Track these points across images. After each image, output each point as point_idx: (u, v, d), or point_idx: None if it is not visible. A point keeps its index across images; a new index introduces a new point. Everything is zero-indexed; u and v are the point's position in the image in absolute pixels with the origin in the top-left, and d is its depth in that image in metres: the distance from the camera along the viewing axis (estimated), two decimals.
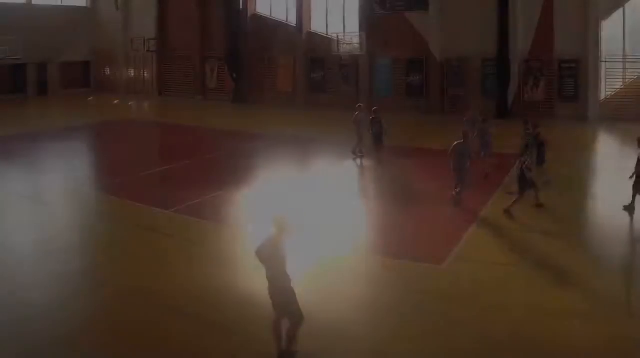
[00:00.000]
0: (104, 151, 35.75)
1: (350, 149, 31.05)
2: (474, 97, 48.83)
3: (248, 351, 12.19)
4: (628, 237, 19.32)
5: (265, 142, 36.99)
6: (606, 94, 46.02)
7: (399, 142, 31.55)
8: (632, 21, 45.13)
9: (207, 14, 60.50)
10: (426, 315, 13.56)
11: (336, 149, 32.40)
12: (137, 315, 13.83)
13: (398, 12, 51.36)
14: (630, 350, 12.06)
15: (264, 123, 45.39)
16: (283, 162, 31.53)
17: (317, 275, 15.42)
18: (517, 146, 24.25)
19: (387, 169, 28.86)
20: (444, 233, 19.42)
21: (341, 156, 31.25)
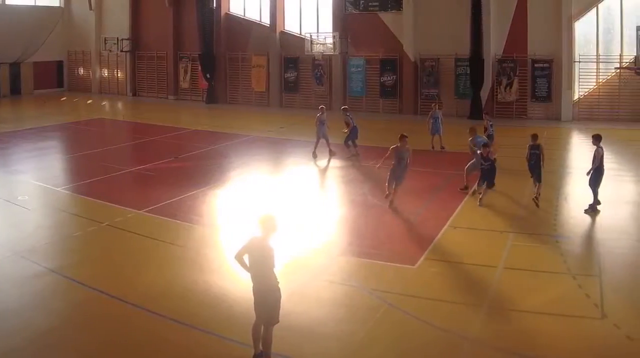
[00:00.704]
0: (76, 151, 34.64)
1: (324, 150, 30.79)
2: (448, 97, 48.14)
3: (221, 352, 12.04)
4: (600, 236, 19.07)
5: (238, 142, 36.51)
6: (579, 94, 45.32)
7: (371, 142, 31.15)
8: (605, 21, 44.47)
9: (181, 14, 59.37)
10: (399, 315, 13.46)
11: (309, 149, 31.60)
12: (109, 314, 13.64)
13: (371, 12, 50.78)
14: (600, 348, 12.01)
15: (237, 123, 44.64)
16: (256, 162, 30.95)
17: (289, 276, 14.71)
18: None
19: (357, 169, 28.40)
20: (416, 234, 19.19)
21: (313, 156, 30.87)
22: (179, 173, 28.37)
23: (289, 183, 26.54)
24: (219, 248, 18.04)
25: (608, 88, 44.02)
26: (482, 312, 13.72)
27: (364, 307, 13.95)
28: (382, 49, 49.89)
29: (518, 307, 13.80)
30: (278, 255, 11.15)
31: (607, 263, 16.49)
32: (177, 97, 60.06)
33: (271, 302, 10.96)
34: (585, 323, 13.06)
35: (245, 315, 12.04)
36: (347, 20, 51.31)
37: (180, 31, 59.71)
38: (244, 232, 15.42)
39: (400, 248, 17.74)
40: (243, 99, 56.37)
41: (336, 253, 17.37)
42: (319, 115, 31.09)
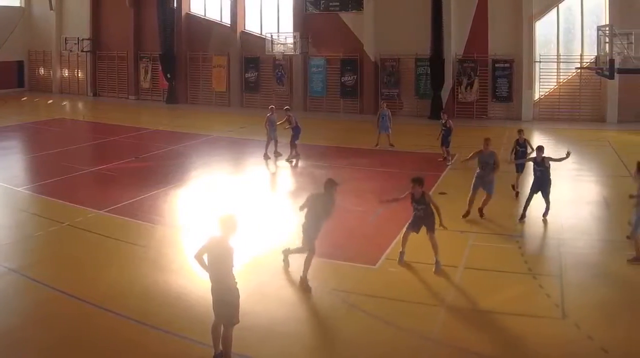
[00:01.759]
0: (36, 151, 33.31)
1: (280, 150, 30.01)
2: (408, 97, 46.67)
3: (181, 352, 11.68)
4: (561, 236, 18.39)
5: (199, 142, 35.64)
6: (540, 94, 44.01)
7: (331, 142, 30.36)
8: (566, 21, 43.20)
9: (141, 14, 57.04)
10: (359, 315, 13.18)
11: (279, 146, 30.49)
12: (70, 314, 13.21)
13: (332, 12, 49.05)
14: (561, 348, 11.75)
15: (198, 123, 43.31)
16: (217, 162, 30.08)
17: (249, 275, 14.45)
18: None
19: (318, 169, 27.38)
20: (377, 234, 18.67)
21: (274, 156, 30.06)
22: (139, 173, 27.56)
23: (250, 183, 25.76)
24: (180, 248, 17.51)
25: (568, 88, 42.93)
26: (443, 312, 13.43)
27: (324, 306, 13.70)
28: (342, 49, 48.39)
29: (479, 306, 13.55)
30: (238, 255, 10.84)
31: (568, 263, 16.08)
32: (138, 97, 57.95)
33: (230, 302, 10.68)
34: (546, 323, 12.74)
35: (206, 315, 11.58)
36: (308, 20, 49.55)
37: (140, 31, 57.42)
38: (205, 231, 15.13)
39: (360, 248, 17.26)
40: (204, 99, 54.55)
41: (297, 254, 16.26)
42: (268, 115, 30.11)
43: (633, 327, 12.42)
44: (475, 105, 44.53)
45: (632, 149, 30.44)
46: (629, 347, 11.66)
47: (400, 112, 46.00)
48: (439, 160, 27.92)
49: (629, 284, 14.74)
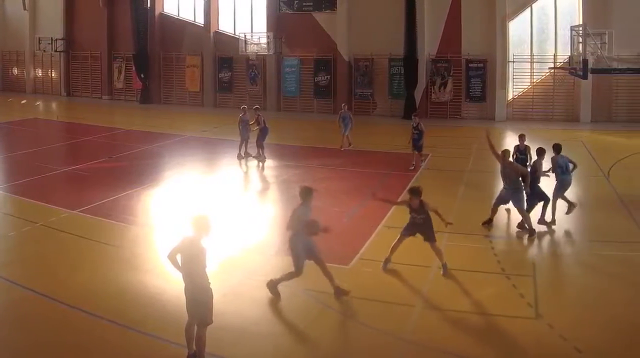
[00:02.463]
0: (10, 151, 31.94)
1: (250, 151, 28.82)
2: (382, 97, 45.28)
3: (155, 352, 11.35)
4: (535, 237, 17.65)
5: (172, 142, 34.64)
6: (513, 94, 42.82)
7: (304, 142, 29.86)
8: (540, 21, 42.02)
9: (115, 14, 55.25)
10: (332, 314, 13.00)
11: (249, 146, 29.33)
12: (43, 314, 12.78)
13: (306, 12, 47.56)
14: (534, 348, 11.45)
15: (171, 123, 42.04)
16: (190, 162, 29.10)
17: (223, 275, 14.18)
18: None
19: (291, 169, 26.78)
20: (350, 234, 18.06)
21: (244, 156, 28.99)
22: (113, 173, 26.73)
23: (223, 183, 25.06)
24: (153, 248, 17.02)
25: (542, 88, 41.90)
26: (416, 312, 13.12)
27: (298, 307, 13.42)
28: (316, 49, 47.00)
29: (452, 306, 13.19)
30: (210, 255, 10.51)
31: (542, 263, 15.86)
32: (112, 97, 56.23)
33: (203, 302, 10.42)
34: (519, 323, 12.42)
35: (179, 315, 11.22)
36: (281, 20, 48.17)
37: (114, 31, 55.68)
38: (178, 232, 14.79)
39: (334, 248, 16.09)
40: (177, 99, 53.04)
41: (270, 253, 16.46)
42: (241, 115, 29.00)
43: (606, 327, 12.11)
44: (448, 105, 43.46)
45: (605, 148, 30.20)
46: (602, 346, 11.39)
47: (374, 112, 45.26)
48: (410, 169, 26.11)
49: (602, 284, 14.45)
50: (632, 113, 39.62)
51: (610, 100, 39.99)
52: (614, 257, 15.96)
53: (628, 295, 13.61)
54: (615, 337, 11.74)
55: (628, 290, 13.90)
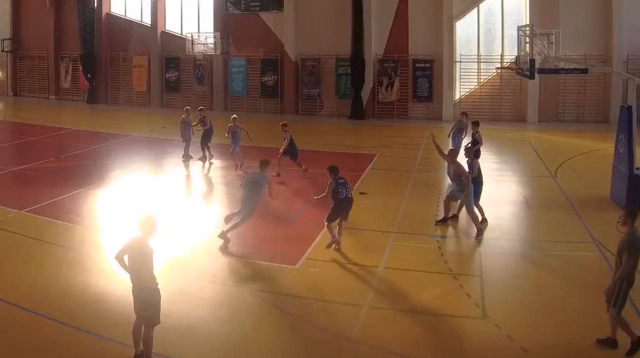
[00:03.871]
0: None
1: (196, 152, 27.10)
2: (329, 97, 42.43)
3: (102, 352, 10.70)
4: (482, 236, 16.80)
5: (119, 142, 32.81)
6: (461, 94, 40.34)
7: (251, 142, 26.81)
8: (487, 21, 39.79)
9: (62, 14, 50.85)
10: (280, 315, 12.39)
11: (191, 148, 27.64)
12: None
13: (253, 12, 44.46)
14: (481, 348, 10.86)
15: (118, 123, 39.36)
16: (138, 163, 27.55)
17: (170, 276, 13.43)
18: None
19: (234, 170, 25.08)
20: (297, 234, 17.52)
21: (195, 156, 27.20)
22: (60, 173, 25.23)
23: (169, 184, 23.69)
24: (100, 249, 16.01)
25: (489, 88, 39.61)
26: (364, 311, 12.48)
27: (245, 307, 12.78)
28: (263, 49, 43.92)
29: (399, 306, 12.74)
30: (158, 256, 10.17)
31: (489, 263, 15.08)
32: (59, 97, 52.19)
33: (151, 303, 9.95)
34: (466, 323, 11.94)
35: (127, 315, 10.74)
36: (228, 20, 44.88)
37: (61, 31, 51.17)
38: (125, 232, 13.95)
39: (281, 249, 16.11)
40: (124, 99, 49.16)
41: (217, 254, 15.68)
42: (183, 117, 27.24)
43: (552, 327, 11.53)
44: (395, 105, 40.97)
45: (552, 148, 29.31)
46: (549, 346, 10.84)
47: (321, 112, 42.67)
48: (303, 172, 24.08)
49: (548, 284, 13.79)
50: (579, 113, 38.14)
51: (558, 100, 38.15)
52: (561, 257, 15.25)
53: (575, 295, 12.76)
54: (562, 337, 11.16)
55: (575, 289, 13.02)
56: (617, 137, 19.84)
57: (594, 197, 20.59)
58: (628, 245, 10.03)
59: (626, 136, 18.91)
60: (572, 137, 33.01)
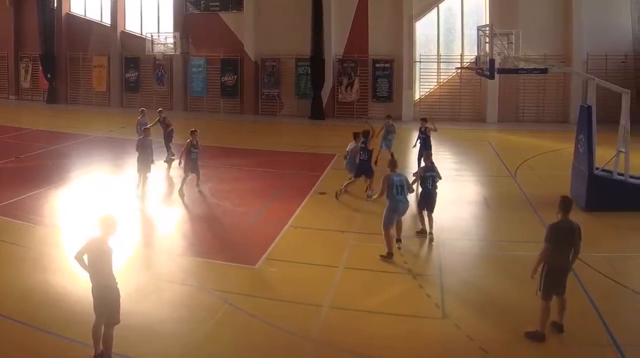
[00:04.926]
0: None
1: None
2: (289, 97, 40.11)
3: (62, 352, 10.30)
4: (441, 236, 16.30)
5: (79, 142, 31.24)
6: (420, 94, 38.25)
7: (210, 142, 26.53)
8: (446, 21, 37.82)
9: (21, 13, 47.28)
10: (239, 315, 11.74)
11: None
12: None
13: (212, 12, 41.97)
14: (441, 348, 10.54)
15: (78, 123, 37.27)
16: (97, 163, 26.22)
17: (129, 276, 12.71)
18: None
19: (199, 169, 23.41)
20: (257, 234, 16.84)
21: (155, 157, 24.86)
22: (20, 173, 24.28)
23: (129, 184, 22.06)
24: (60, 249, 15.33)
25: (449, 88, 37.60)
26: (323, 312, 11.88)
27: (204, 306, 12.07)
28: (223, 49, 41.37)
29: (359, 307, 12.03)
30: (118, 255, 9.91)
31: (448, 263, 14.57)
32: (18, 97, 48.84)
33: (110, 302, 9.64)
34: (426, 323, 11.46)
35: (87, 315, 10.09)
36: (188, 20, 42.25)
37: (21, 31, 47.86)
38: (85, 232, 13.40)
39: (240, 249, 15.67)
40: (84, 99, 46.09)
41: (177, 253, 15.25)
42: (139, 118, 25.64)
43: (512, 327, 11.02)
44: (355, 105, 38.68)
45: (512, 148, 28.30)
46: (508, 346, 10.45)
47: (281, 112, 40.32)
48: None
49: (508, 284, 13.24)
50: (539, 113, 36.45)
51: (517, 100, 36.39)
52: (520, 257, 14.35)
53: (534, 295, 11.37)
54: (521, 337, 10.63)
55: (534, 290, 11.54)
56: (576, 137, 19.05)
57: (554, 197, 20.05)
58: (547, 230, 10.24)
59: (586, 136, 18.22)
60: (532, 137, 31.79)
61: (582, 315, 11.31)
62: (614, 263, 14.09)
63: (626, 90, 18.15)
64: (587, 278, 13.00)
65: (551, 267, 10.23)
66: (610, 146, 18.96)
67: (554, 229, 10.24)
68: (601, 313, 11.42)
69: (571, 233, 10.23)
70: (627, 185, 17.97)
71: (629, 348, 10.20)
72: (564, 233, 10.20)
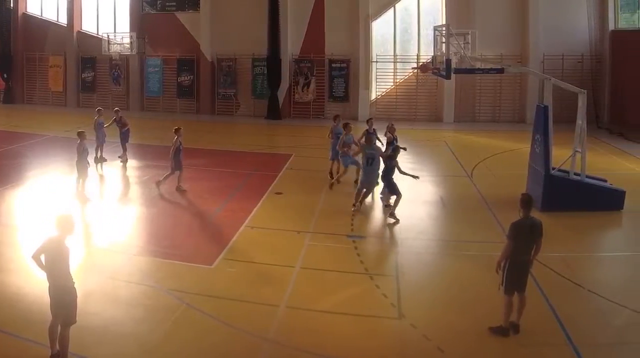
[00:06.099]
0: None
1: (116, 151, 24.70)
2: (245, 97, 37.49)
3: (18, 352, 9.79)
4: (398, 236, 15.85)
5: (36, 142, 29.40)
6: (377, 94, 35.93)
7: (164, 142, 24.71)
8: (403, 21, 35.64)
9: None
10: (196, 315, 11.16)
11: (107, 149, 24.95)
12: None
13: (169, 12, 39.10)
14: (397, 348, 10.09)
15: (35, 123, 34.90)
16: (54, 163, 24.45)
17: (86, 275, 11.95)
18: None
19: (154, 169, 22.83)
20: (214, 234, 15.90)
21: (108, 157, 24.51)
22: None
23: (87, 184, 20.42)
24: (17, 248, 14.16)
25: (405, 88, 35.32)
26: (280, 312, 11.25)
27: (161, 307, 11.33)
28: (179, 49, 38.41)
29: (315, 307, 11.40)
30: (74, 255, 9.63)
31: (405, 263, 13.70)
32: None
33: (67, 302, 9.05)
34: (382, 323, 10.85)
35: (43, 315, 9.64)
36: (145, 20, 39.25)
37: None
38: (42, 231, 12.30)
39: (197, 248, 14.72)
40: (40, 99, 42.79)
41: (133, 253, 14.14)
42: (96, 118, 24.16)
43: (468, 327, 10.37)
44: (312, 105, 36.18)
45: (468, 148, 26.96)
46: (465, 346, 9.84)
47: (237, 112, 37.67)
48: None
49: (464, 284, 12.46)
50: (496, 113, 34.37)
51: (474, 100, 34.25)
52: (477, 257, 13.92)
53: (490, 295, 10.94)
54: (477, 336, 10.05)
55: (490, 289, 11.07)
56: (533, 137, 18.24)
57: (510, 196, 18.22)
58: (509, 228, 9.97)
59: (542, 136, 17.43)
60: (489, 137, 30.11)
61: (539, 314, 10.72)
62: (570, 263, 13.45)
63: (582, 90, 17.24)
64: (543, 278, 12.32)
65: (513, 262, 9.85)
66: (566, 146, 18.17)
67: (516, 227, 9.89)
68: (557, 313, 10.81)
69: (532, 230, 9.94)
70: (583, 185, 17.28)
71: (585, 347, 9.72)
72: (526, 230, 9.88)
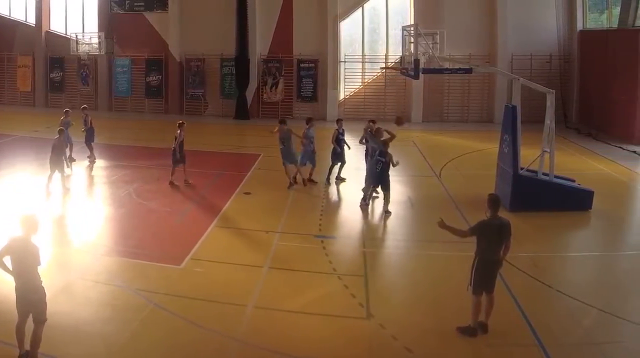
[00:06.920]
0: None
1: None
2: (214, 97, 35.73)
3: None
4: (367, 236, 15.40)
5: (3, 142, 28.06)
6: (345, 94, 34.35)
7: (138, 142, 25.26)
8: (371, 21, 34.09)
9: None
10: (165, 315, 10.78)
11: (76, 149, 24.00)
12: None
13: (137, 12, 37.17)
14: (366, 348, 9.74)
15: (2, 123, 32.98)
16: (22, 163, 23.48)
17: (54, 275, 11.50)
18: None
19: (122, 169, 22.27)
20: (182, 234, 15.12)
21: (77, 157, 23.54)
22: None
23: (53, 184, 19.71)
24: None
25: (374, 88, 33.80)
26: (248, 312, 10.84)
27: (129, 307, 10.92)
28: (147, 49, 36.48)
29: (284, 307, 11.03)
30: (42, 255, 8.85)
31: (373, 263, 13.43)
32: None
33: (35, 300, 8.69)
34: (351, 323, 10.46)
35: (10, 314, 9.14)
36: (113, 20, 37.15)
37: None
38: (6, 232, 11.06)
39: (165, 248, 14.06)
40: (9, 99, 40.63)
41: (101, 253, 13.60)
42: (62, 119, 22.69)
43: (436, 327, 10.13)
44: (280, 105, 34.36)
45: (437, 148, 26.10)
46: (433, 346, 9.62)
47: (206, 112, 35.87)
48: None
49: (432, 284, 12.12)
50: (464, 113, 33.06)
51: (442, 100, 32.87)
52: (444, 256, 13.39)
53: (458, 294, 10.48)
54: (445, 336, 9.79)
55: (458, 289, 10.61)
56: (501, 137, 17.63)
57: (478, 196, 17.48)
58: (475, 224, 9.65)
59: (511, 136, 16.92)
60: (457, 137, 29.00)
61: (507, 314, 10.40)
62: (539, 263, 13.10)
63: (551, 90, 16.72)
64: (511, 278, 11.91)
65: (482, 262, 9.52)
66: (535, 146, 17.73)
67: (482, 225, 9.52)
68: (526, 313, 10.52)
69: (501, 230, 9.58)
70: (551, 185, 16.78)
71: (553, 347, 9.43)
72: (494, 230, 9.49)
